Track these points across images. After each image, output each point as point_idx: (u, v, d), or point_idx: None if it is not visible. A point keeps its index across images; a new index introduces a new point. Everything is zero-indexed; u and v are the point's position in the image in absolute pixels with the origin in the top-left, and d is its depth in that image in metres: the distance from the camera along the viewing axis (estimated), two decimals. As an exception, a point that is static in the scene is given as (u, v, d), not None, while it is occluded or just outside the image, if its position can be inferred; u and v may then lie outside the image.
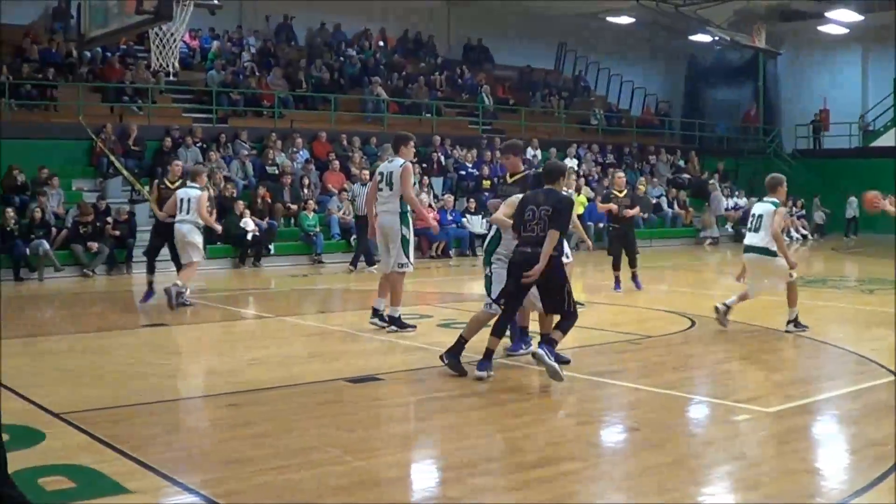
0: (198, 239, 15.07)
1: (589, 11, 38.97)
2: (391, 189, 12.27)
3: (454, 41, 39.67)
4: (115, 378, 9.91)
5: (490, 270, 10.08)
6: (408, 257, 12.29)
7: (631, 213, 17.53)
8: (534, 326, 10.60)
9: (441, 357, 9.82)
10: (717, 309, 12.68)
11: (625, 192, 17.92)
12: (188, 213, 14.85)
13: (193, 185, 15.21)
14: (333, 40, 35.12)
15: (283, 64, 31.85)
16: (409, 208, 12.26)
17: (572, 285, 9.72)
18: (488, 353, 9.50)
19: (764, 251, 12.31)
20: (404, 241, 12.20)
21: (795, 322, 12.47)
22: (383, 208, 12.36)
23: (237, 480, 6.31)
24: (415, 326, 12.49)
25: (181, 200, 14.93)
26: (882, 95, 40.28)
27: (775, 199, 12.44)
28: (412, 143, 12.75)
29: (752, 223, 12.54)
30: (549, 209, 9.27)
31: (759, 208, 12.58)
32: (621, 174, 19.25)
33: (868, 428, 7.82)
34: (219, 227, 17.85)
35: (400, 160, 12.36)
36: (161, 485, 6.24)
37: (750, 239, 12.55)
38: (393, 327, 12.35)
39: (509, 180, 10.92)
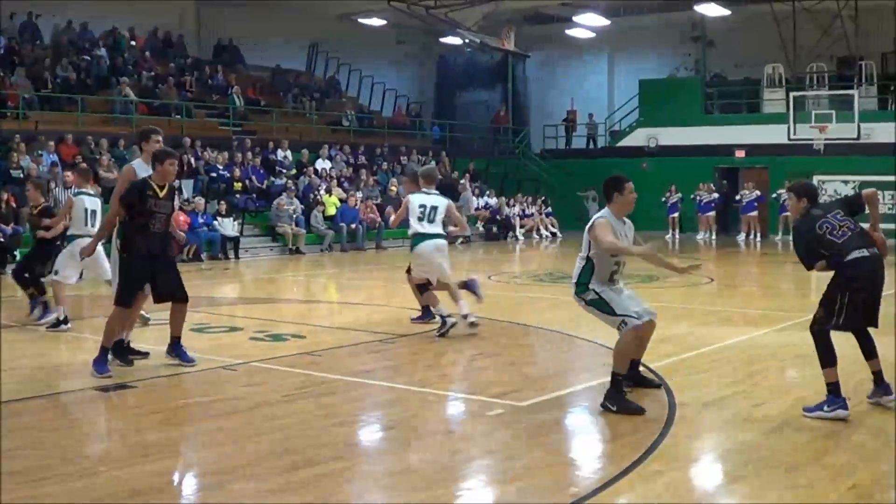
0: None
1: (340, 13, 39.14)
2: None
3: (204, 41, 39.10)
4: None
5: (597, 294, 8.54)
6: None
7: None
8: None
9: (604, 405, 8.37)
10: (472, 325, 12.37)
11: None
12: None
13: None
14: (80, 39, 34.08)
15: (27, 63, 30.60)
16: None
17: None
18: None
19: (444, 237, 12.66)
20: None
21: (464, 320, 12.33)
22: None
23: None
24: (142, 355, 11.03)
25: None
26: (627, 97, 41.85)
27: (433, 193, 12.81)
28: (154, 138, 10.68)
29: (428, 215, 12.52)
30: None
31: (433, 201, 12.61)
32: None
33: (619, 418, 8.14)
34: None
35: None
36: None
37: (432, 228, 12.50)
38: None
39: None
